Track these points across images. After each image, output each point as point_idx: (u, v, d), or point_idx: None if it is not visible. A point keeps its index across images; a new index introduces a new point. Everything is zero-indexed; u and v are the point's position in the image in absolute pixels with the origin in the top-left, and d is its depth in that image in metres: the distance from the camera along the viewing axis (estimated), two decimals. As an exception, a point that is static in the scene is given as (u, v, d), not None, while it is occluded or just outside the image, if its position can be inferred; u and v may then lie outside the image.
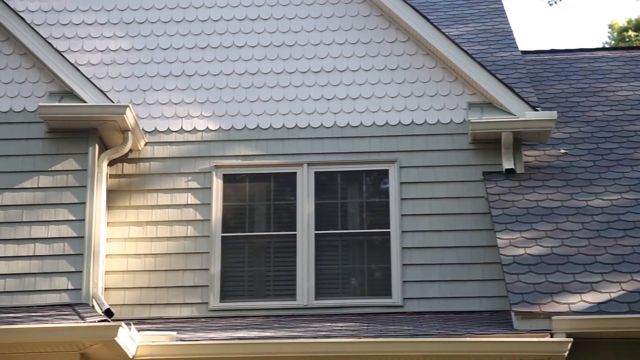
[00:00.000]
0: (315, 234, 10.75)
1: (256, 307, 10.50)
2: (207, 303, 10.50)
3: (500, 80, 11.04)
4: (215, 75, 11.30)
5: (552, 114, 10.81)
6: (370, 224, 10.82)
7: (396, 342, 8.66)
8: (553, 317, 8.75)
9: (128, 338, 8.64)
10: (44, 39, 10.59)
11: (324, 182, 11.00)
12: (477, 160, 10.92)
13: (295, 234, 10.76)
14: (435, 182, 10.85)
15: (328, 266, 10.68)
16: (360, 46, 11.38)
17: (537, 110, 10.85)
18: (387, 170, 10.98)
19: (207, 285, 10.55)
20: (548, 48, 14.48)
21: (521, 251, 9.63)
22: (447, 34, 11.55)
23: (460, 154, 10.95)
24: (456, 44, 11.14)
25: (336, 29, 11.45)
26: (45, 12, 11.42)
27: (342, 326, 9.61)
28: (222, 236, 10.75)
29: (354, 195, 10.99)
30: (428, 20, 11.25)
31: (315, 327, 9.64)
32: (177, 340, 8.95)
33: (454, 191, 10.80)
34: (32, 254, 9.97)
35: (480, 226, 10.61)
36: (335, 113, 11.18)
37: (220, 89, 11.27)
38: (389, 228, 10.73)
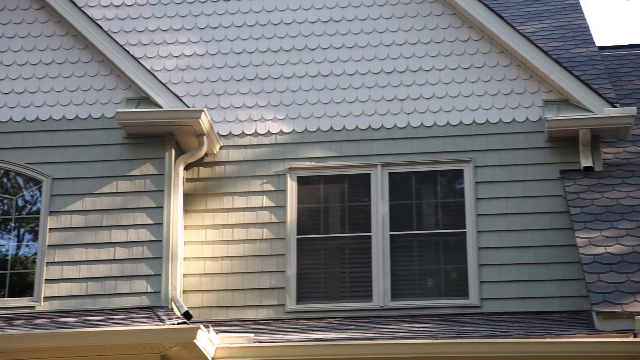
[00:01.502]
0: (390, 234, 10.72)
1: (332, 308, 10.51)
2: (283, 305, 10.55)
3: (577, 76, 10.87)
4: (288, 78, 11.36)
5: (632, 110, 10.60)
6: (445, 224, 10.75)
7: (474, 343, 8.58)
8: (636, 317, 8.57)
9: (207, 340, 8.73)
10: (121, 46, 10.78)
11: (398, 183, 10.96)
12: (554, 159, 10.76)
13: (370, 235, 10.75)
14: (511, 181, 10.73)
15: (404, 267, 10.64)
16: (433, 46, 11.32)
17: (616, 107, 10.65)
18: (462, 170, 10.89)
19: (284, 287, 10.60)
20: (626, 43, 14.15)
21: (601, 250, 9.46)
22: (521, 31, 11.41)
23: (537, 152, 10.81)
24: (531, 41, 11.00)
25: (408, 29, 11.41)
26: (122, 19, 11.62)
27: (419, 327, 9.56)
28: (297, 238, 10.79)
29: (429, 196, 10.93)
30: (502, 18, 11.13)
31: (392, 328, 9.61)
32: (254, 342, 9.01)
33: (531, 190, 10.66)
34: (112, 258, 10.14)
35: (558, 225, 10.45)
36: (408, 113, 11.14)
37: (294, 91, 11.32)
38: (464, 228, 10.64)
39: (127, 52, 10.76)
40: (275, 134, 11.19)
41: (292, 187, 10.98)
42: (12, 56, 10.86)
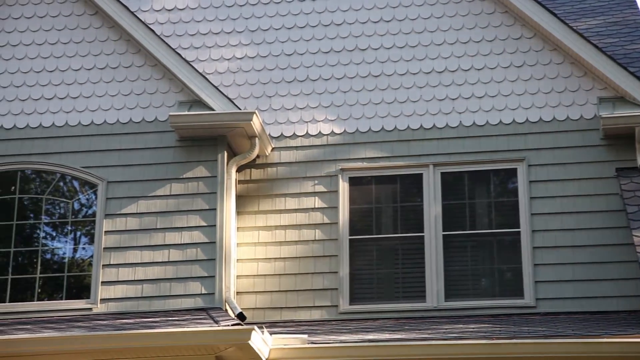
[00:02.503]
0: (444, 234, 10.66)
1: (386, 309, 10.48)
2: (336, 306, 10.55)
3: (632, 73, 10.71)
4: (339, 79, 11.36)
5: (689, 106, 10.42)
6: (499, 224, 10.66)
7: (530, 344, 8.51)
8: (695, 317, 8.43)
9: (261, 341, 8.77)
10: (173, 49, 10.88)
11: (451, 183, 10.90)
12: (609, 157, 10.62)
13: (423, 236, 10.70)
14: (566, 179, 10.61)
15: (457, 267, 10.58)
16: (485, 44, 11.24)
17: (674, 103, 10.48)
18: (516, 169, 10.79)
19: (336, 288, 10.60)
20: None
21: (659, 249, 9.30)
22: (575, 28, 11.27)
23: (592, 150, 10.67)
24: (585, 38, 10.87)
25: (460, 28, 11.34)
26: (174, 23, 11.72)
27: (473, 328, 9.50)
28: (350, 239, 10.78)
29: (482, 195, 10.85)
30: (555, 15, 11.01)
31: (446, 328, 9.56)
32: (308, 343, 9.03)
33: (586, 188, 10.53)
34: (166, 260, 10.23)
35: (615, 224, 10.31)
36: (460, 113, 11.08)
37: (345, 92, 11.32)
38: (518, 228, 10.55)
39: (180, 55, 10.85)
40: (327, 135, 11.20)
41: (344, 187, 10.98)
42: (67, 61, 11.01)
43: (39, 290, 10.24)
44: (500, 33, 11.24)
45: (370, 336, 9.27)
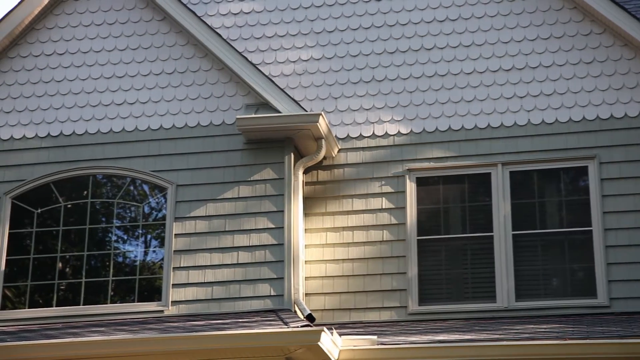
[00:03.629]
0: (513, 234, 10.55)
1: (455, 309, 10.41)
2: (405, 307, 10.51)
3: None
4: (404, 79, 11.32)
5: None
6: (569, 223, 10.51)
7: (604, 344, 8.38)
8: None
9: (330, 342, 8.78)
10: (240, 53, 10.95)
11: (520, 182, 10.78)
12: (684, 152, 10.41)
13: (492, 235, 10.60)
14: (639, 177, 10.41)
15: (527, 267, 10.46)
16: (553, 41, 11.09)
17: None
18: (586, 167, 10.63)
19: (405, 289, 10.57)
20: None
21: None
22: (646, 22, 11.06)
23: (665, 146, 10.47)
24: (656, 33, 10.66)
25: (527, 25, 11.21)
26: (240, 27, 11.81)
27: (545, 328, 9.38)
28: (418, 239, 10.73)
29: (552, 194, 10.71)
30: (625, 9, 10.81)
31: (517, 329, 9.46)
32: (378, 344, 9.01)
33: (660, 185, 10.34)
34: (235, 262, 10.30)
35: (690, 221, 10.10)
36: (528, 111, 10.95)
37: (410, 92, 11.28)
38: (590, 226, 10.38)
39: (246, 59, 10.92)
40: (393, 135, 11.17)
41: (411, 188, 10.93)
42: (136, 67, 11.17)
43: (112, 293, 10.40)
44: (569, 29, 11.09)
45: (440, 337, 9.22)
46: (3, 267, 10.49)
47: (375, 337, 9.12)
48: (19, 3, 11.19)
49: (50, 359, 8.72)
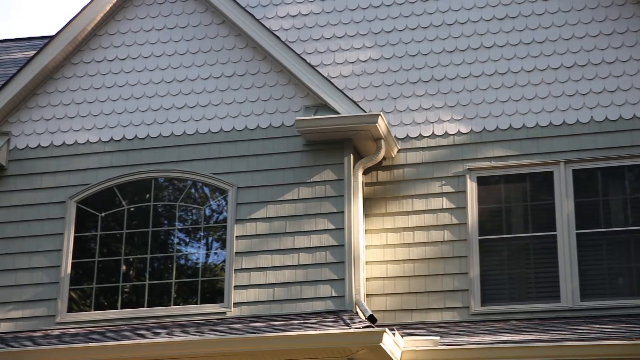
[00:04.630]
0: (577, 233, 10.42)
1: (518, 310, 10.31)
2: (468, 307, 10.44)
3: None
4: (464, 78, 11.25)
5: None
6: (635, 221, 10.34)
7: (673, 345, 8.22)
8: None
9: (392, 343, 8.76)
10: (298, 55, 10.99)
11: (583, 180, 10.64)
12: None
13: (555, 235, 10.48)
14: None
15: (592, 266, 10.32)
16: (616, 37, 10.93)
17: None
18: (652, 164, 10.47)
19: (467, 289, 10.49)
20: None
21: None
22: None
23: None
24: None
25: (589, 21, 11.07)
26: (298, 29, 11.85)
27: (611, 328, 9.25)
28: (480, 239, 10.65)
29: (616, 192, 10.55)
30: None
31: (583, 329, 9.34)
32: (440, 345, 8.97)
33: None
34: (296, 264, 10.33)
35: None
36: (591, 108, 10.81)
37: (470, 91, 11.20)
38: (657, 224, 10.23)
39: (304, 60, 10.95)
40: (453, 134, 11.10)
41: (472, 187, 10.86)
42: (196, 71, 11.27)
43: (175, 295, 10.50)
44: (633, 24, 10.93)
45: (504, 337, 9.14)
46: (69, 270, 10.67)
47: (437, 337, 9.07)
48: (82, 10, 11.36)
49: (116, 360, 8.86)
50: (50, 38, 11.66)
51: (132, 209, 10.86)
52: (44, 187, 11.03)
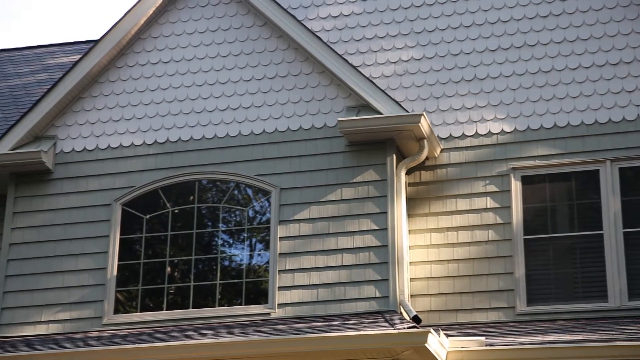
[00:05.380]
0: (624, 232, 10.29)
1: (565, 310, 10.22)
2: (513, 307, 10.36)
3: None
4: (507, 76, 11.17)
5: None
6: (683, 220, 10.20)
7: None
8: None
9: (437, 344, 8.72)
10: (340, 55, 10.98)
11: (630, 178, 10.51)
12: None
13: (601, 234, 10.37)
14: None
15: (640, 266, 10.20)
16: (665, 32, 10.82)
17: None
18: (700, 161, 10.31)
19: (513, 289, 10.41)
20: None
21: None
22: None
23: None
24: None
25: (634, 18, 10.94)
26: (340, 29, 11.84)
27: (660, 328, 9.12)
28: (525, 239, 10.57)
29: (664, 190, 10.41)
30: None
31: (631, 329, 9.22)
32: (486, 345, 8.91)
33: None
34: (340, 264, 10.33)
35: None
36: (637, 105, 10.69)
37: (514, 89, 11.12)
38: None
39: (346, 61, 10.95)
40: (497, 134, 11.03)
41: (516, 187, 10.77)
42: (239, 73, 11.31)
43: (219, 296, 10.55)
44: (678, 20, 10.79)
45: (550, 338, 9.06)
46: (115, 272, 10.76)
47: (483, 338, 9.02)
48: (126, 13, 11.46)
49: (162, 361, 8.92)
50: (94, 42, 11.78)
51: (176, 211, 10.93)
52: (90, 190, 11.15)
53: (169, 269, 10.74)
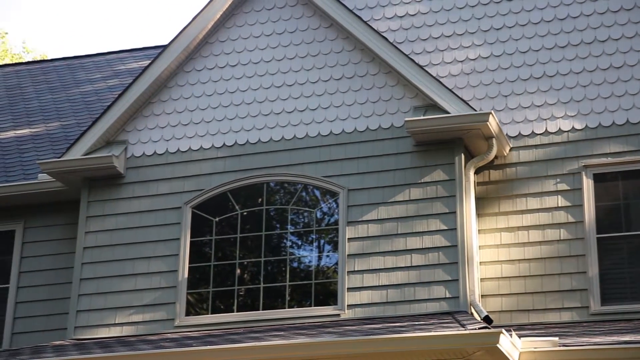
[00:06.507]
0: (701, 229, 10.07)
1: (640, 309, 10.04)
2: (587, 307, 10.20)
3: None
4: (577, 73, 11.00)
5: None
6: None
7: None
8: None
9: (510, 344, 8.63)
10: (407, 55, 10.94)
11: None
12: None
13: (678, 231, 10.16)
14: None
15: None
16: None
17: None
18: None
19: (586, 289, 10.25)
20: None
21: None
22: None
23: None
24: None
25: None
26: (406, 29, 11.80)
27: None
28: (598, 237, 10.40)
29: None
30: None
31: None
32: (559, 346, 8.78)
33: None
34: (409, 265, 10.29)
35: None
36: None
37: (584, 86, 10.95)
38: None
39: (413, 61, 10.90)
40: (567, 131, 10.87)
41: (588, 185, 10.60)
42: (305, 74, 11.35)
43: (289, 298, 10.59)
44: None
45: (626, 338, 8.89)
46: (186, 275, 10.88)
47: (556, 338, 8.89)
48: (194, 18, 11.59)
49: (233, 362, 8.98)
50: (163, 47, 11.91)
51: (245, 213, 11.01)
52: (160, 193, 11.29)
53: (238, 270, 10.82)
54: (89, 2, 45.32)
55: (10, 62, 26.00)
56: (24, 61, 23.28)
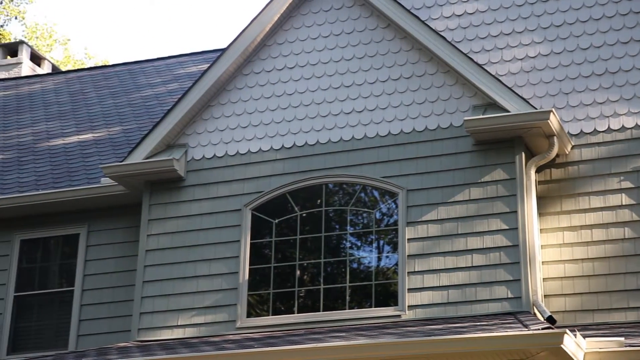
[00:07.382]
0: None
1: None
2: (654, 307, 10.03)
3: None
4: (640, 69, 10.83)
5: None
6: None
7: None
8: None
9: (574, 345, 8.52)
10: (465, 54, 10.87)
11: None
12: None
13: None
14: None
15: None
16: None
17: None
18: None
19: (652, 288, 10.08)
20: None
21: None
22: None
23: None
24: None
25: None
26: (464, 28, 11.72)
27: None
28: (664, 235, 10.22)
29: None
30: None
31: None
32: (626, 346, 8.65)
33: None
34: (470, 265, 10.21)
35: None
36: None
37: (648, 81, 10.77)
38: None
39: (472, 59, 10.82)
40: (631, 128, 10.69)
41: (653, 182, 10.42)
42: (363, 75, 11.33)
43: (349, 299, 10.58)
44: None
45: (694, 338, 8.71)
46: (247, 276, 10.94)
47: (622, 338, 8.76)
48: (251, 21, 11.65)
49: (294, 363, 9.01)
50: (222, 51, 12.01)
51: (304, 214, 11.03)
52: (220, 195, 11.37)
53: (298, 272, 10.84)
54: (149, 8, 45.91)
55: (73, 68, 26.47)
56: (86, 67, 23.68)
